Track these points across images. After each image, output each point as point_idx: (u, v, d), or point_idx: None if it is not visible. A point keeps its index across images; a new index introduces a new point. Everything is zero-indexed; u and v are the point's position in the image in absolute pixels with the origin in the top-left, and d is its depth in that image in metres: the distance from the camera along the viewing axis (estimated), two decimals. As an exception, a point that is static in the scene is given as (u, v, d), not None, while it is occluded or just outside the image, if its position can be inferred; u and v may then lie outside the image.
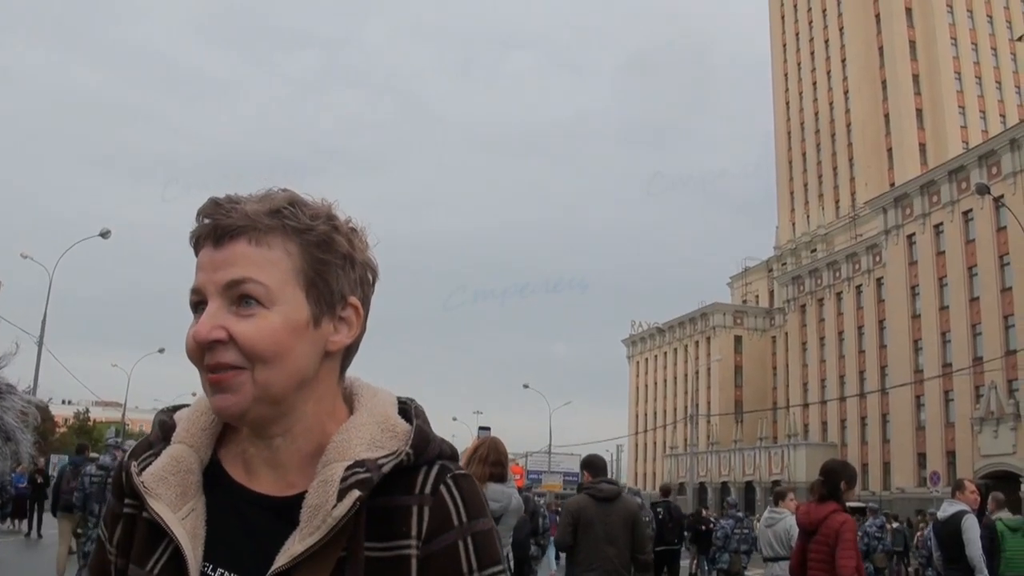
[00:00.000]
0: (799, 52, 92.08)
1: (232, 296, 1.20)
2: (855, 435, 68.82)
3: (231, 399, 1.19)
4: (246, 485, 1.27)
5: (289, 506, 1.21)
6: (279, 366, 1.20)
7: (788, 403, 78.65)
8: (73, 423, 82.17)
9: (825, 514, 6.79)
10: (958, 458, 54.91)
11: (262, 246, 1.22)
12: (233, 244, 1.22)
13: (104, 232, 37.40)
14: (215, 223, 1.23)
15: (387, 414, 1.30)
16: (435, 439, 1.29)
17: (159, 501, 1.24)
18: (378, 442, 1.25)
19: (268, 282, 1.21)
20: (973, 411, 53.91)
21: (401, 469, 1.23)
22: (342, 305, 1.28)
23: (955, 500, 9.26)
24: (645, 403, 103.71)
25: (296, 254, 1.24)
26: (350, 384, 1.36)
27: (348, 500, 1.16)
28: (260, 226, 1.22)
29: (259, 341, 1.19)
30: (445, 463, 1.27)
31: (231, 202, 1.24)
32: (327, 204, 1.29)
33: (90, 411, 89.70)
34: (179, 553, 1.21)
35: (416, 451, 1.25)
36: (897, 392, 60.91)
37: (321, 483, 1.20)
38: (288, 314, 1.21)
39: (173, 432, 1.32)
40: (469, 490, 1.26)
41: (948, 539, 9.09)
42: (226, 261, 1.21)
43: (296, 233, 1.24)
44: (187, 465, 1.27)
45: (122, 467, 1.31)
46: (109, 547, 1.32)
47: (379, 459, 1.22)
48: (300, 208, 1.25)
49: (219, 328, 1.19)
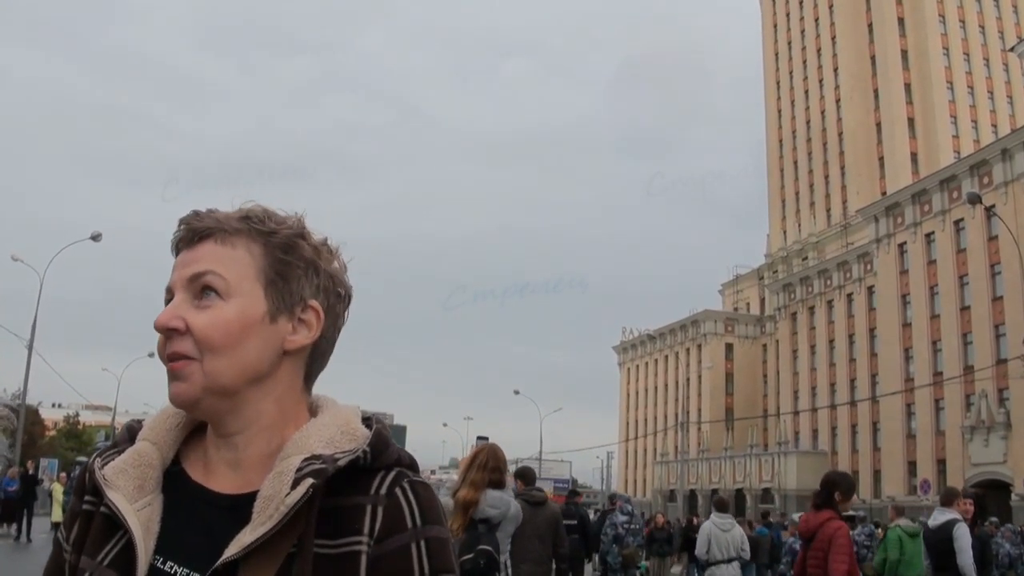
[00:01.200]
0: (791, 60, 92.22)
1: (195, 289, 1.26)
2: (845, 443, 68.85)
3: (182, 386, 1.24)
4: (204, 484, 1.29)
5: (245, 503, 1.23)
6: (228, 356, 1.24)
7: (779, 411, 78.69)
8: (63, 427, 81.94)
9: (820, 522, 6.89)
10: (948, 466, 55.00)
11: (227, 245, 1.28)
12: (202, 244, 1.29)
13: (95, 235, 37.22)
14: (189, 227, 1.30)
15: (348, 419, 1.32)
16: (394, 447, 1.30)
17: (117, 492, 1.26)
18: (336, 442, 1.27)
19: (227, 275, 1.26)
20: (964, 420, 53.98)
21: (358, 471, 1.25)
22: (302, 307, 1.31)
23: (946, 509, 9.29)
24: (636, 410, 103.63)
25: (259, 254, 1.29)
26: (316, 398, 1.38)
27: (301, 488, 1.18)
28: (228, 228, 1.29)
29: (211, 330, 1.24)
30: (403, 469, 1.29)
31: (208, 211, 1.32)
32: (298, 216, 1.35)
33: (80, 415, 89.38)
34: (131, 545, 1.22)
35: (374, 452, 1.26)
36: (888, 400, 60.97)
37: (276, 475, 1.22)
38: (244, 307, 1.26)
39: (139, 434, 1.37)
40: (426, 497, 1.27)
41: (938, 547, 9.13)
42: (194, 259, 1.28)
43: (261, 235, 1.30)
44: (148, 460, 1.30)
45: (86, 467, 1.34)
46: (65, 546, 1.33)
47: (335, 454, 1.24)
48: (269, 216, 1.32)
49: (178, 318, 1.24)
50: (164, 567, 1.23)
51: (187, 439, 1.36)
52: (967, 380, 53.91)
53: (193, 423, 1.36)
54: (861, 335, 67.88)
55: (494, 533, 5.98)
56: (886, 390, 61.11)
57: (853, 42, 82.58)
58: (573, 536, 15.59)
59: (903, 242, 62.11)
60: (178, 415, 1.35)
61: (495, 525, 6.00)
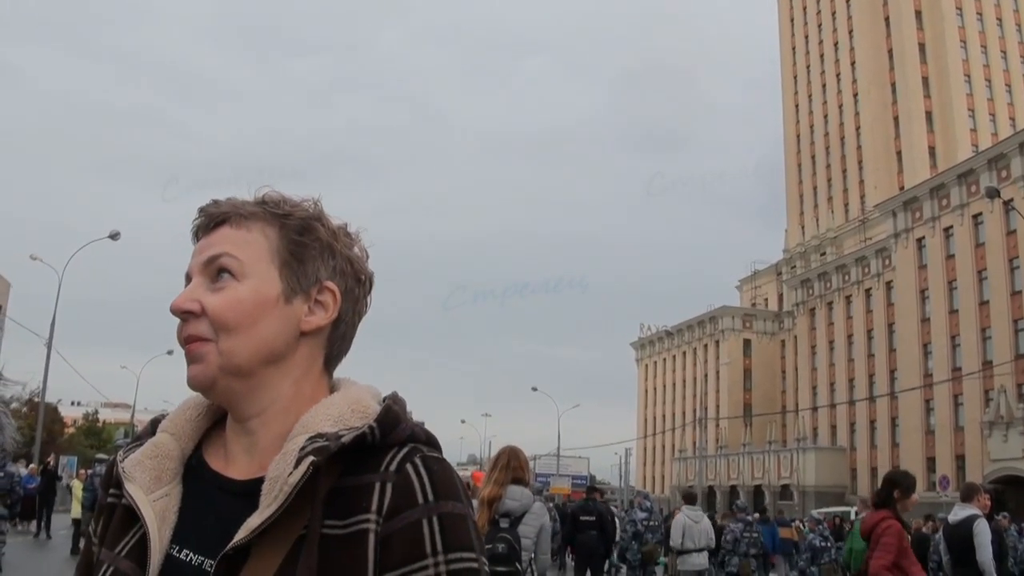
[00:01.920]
0: (808, 55, 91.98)
1: (210, 272, 1.27)
2: (864, 439, 68.62)
3: (198, 367, 1.24)
4: (221, 472, 1.29)
5: (256, 488, 1.21)
6: (243, 335, 1.24)
7: (797, 407, 78.44)
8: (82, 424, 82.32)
9: (876, 521, 6.97)
10: (967, 462, 54.79)
11: (242, 228, 1.29)
12: (218, 229, 1.30)
13: (114, 234, 37.43)
14: (206, 214, 1.32)
15: (360, 396, 1.30)
16: (407, 422, 1.27)
17: (134, 483, 1.27)
18: (345, 419, 1.25)
19: (241, 256, 1.27)
20: (982, 415, 53.75)
21: (369, 449, 1.22)
22: (318, 288, 1.31)
23: (966, 504, 9.30)
24: (654, 406, 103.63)
25: (274, 236, 1.30)
26: (337, 380, 1.37)
27: (302, 466, 1.16)
28: (243, 212, 1.30)
29: (225, 309, 1.24)
30: (417, 445, 1.26)
31: (228, 200, 1.33)
32: (313, 200, 1.35)
33: (99, 412, 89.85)
34: (147, 535, 1.23)
35: (383, 429, 1.23)
36: (906, 396, 60.75)
37: (282, 456, 1.20)
38: (257, 287, 1.27)
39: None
40: (440, 472, 1.22)
41: (958, 543, 9.13)
42: (210, 244, 1.29)
43: (276, 218, 1.31)
44: (165, 451, 1.31)
45: (113, 460, 1.35)
46: (93, 540, 1.35)
47: (339, 431, 1.22)
48: (285, 200, 1.33)
49: (193, 300, 1.25)
50: (179, 555, 1.22)
51: (210, 430, 1.37)
52: (986, 375, 53.66)
53: (215, 414, 1.37)
54: (879, 330, 67.65)
55: (515, 527, 6.31)
56: (905, 386, 60.85)
57: (870, 36, 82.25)
58: (591, 532, 15.68)
59: (921, 237, 61.85)
60: (198, 406, 1.37)
61: (517, 519, 6.33)
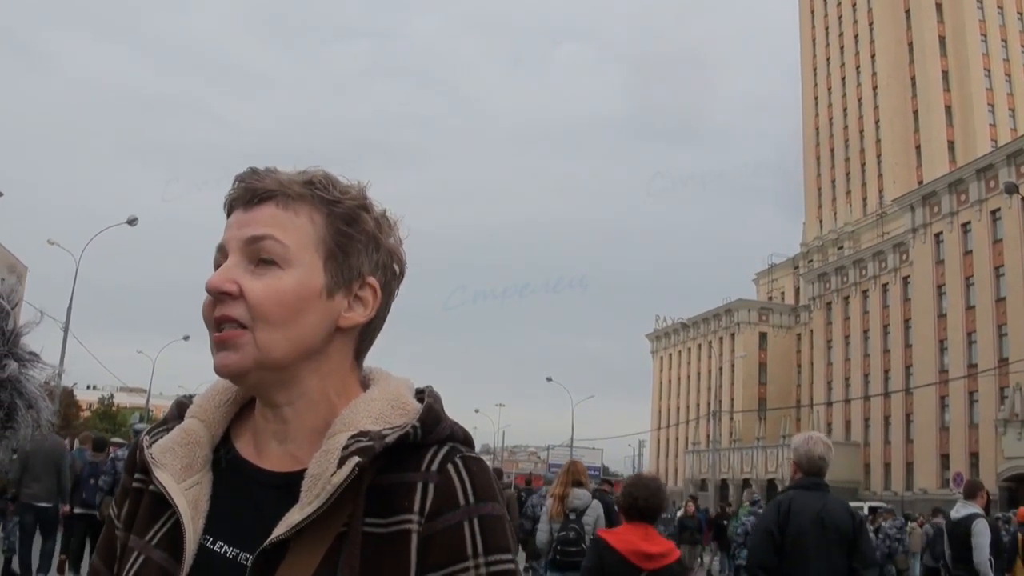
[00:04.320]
0: (828, 47, 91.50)
1: (251, 253, 1.22)
2: (878, 434, 68.41)
3: (232, 357, 1.19)
4: (254, 462, 1.27)
5: (294, 482, 1.20)
6: (283, 329, 1.20)
7: (812, 401, 78.24)
8: (98, 408, 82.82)
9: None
10: (981, 460, 54.52)
11: (289, 211, 1.24)
12: (262, 207, 1.24)
13: (131, 219, 37.55)
14: (248, 186, 1.26)
15: (399, 393, 1.29)
16: (447, 421, 1.27)
17: (164, 471, 1.24)
18: (386, 417, 1.24)
19: (288, 243, 1.22)
20: (997, 413, 53.47)
21: (408, 447, 1.21)
22: (360, 283, 1.27)
23: (968, 502, 9.37)
24: (668, 398, 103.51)
25: (321, 224, 1.25)
26: (369, 371, 1.35)
27: (347, 467, 1.15)
28: (290, 192, 1.24)
29: (267, 299, 1.19)
30: (456, 445, 1.25)
31: (268, 170, 1.27)
32: (361, 185, 1.30)
33: (115, 397, 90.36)
34: (179, 524, 1.21)
35: (424, 428, 1.23)
36: (921, 392, 60.49)
37: (323, 453, 1.18)
38: (301, 278, 1.22)
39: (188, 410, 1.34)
40: (480, 473, 1.22)
41: (959, 540, 9.22)
42: (252, 220, 1.23)
43: (324, 204, 1.25)
44: (196, 438, 1.28)
45: (136, 444, 1.33)
46: (117, 523, 1.32)
47: (383, 430, 1.20)
48: (333, 182, 1.27)
49: (231, 281, 1.20)
50: (213, 547, 1.21)
51: (238, 414, 1.34)
52: (1001, 373, 53.35)
53: (243, 399, 1.34)
54: (896, 326, 67.35)
55: (580, 519, 8.83)
56: (920, 382, 60.59)
57: (891, 29, 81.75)
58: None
59: (939, 232, 61.53)
60: (227, 391, 1.34)
61: (581, 512, 8.83)
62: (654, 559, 5.08)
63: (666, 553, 5.18)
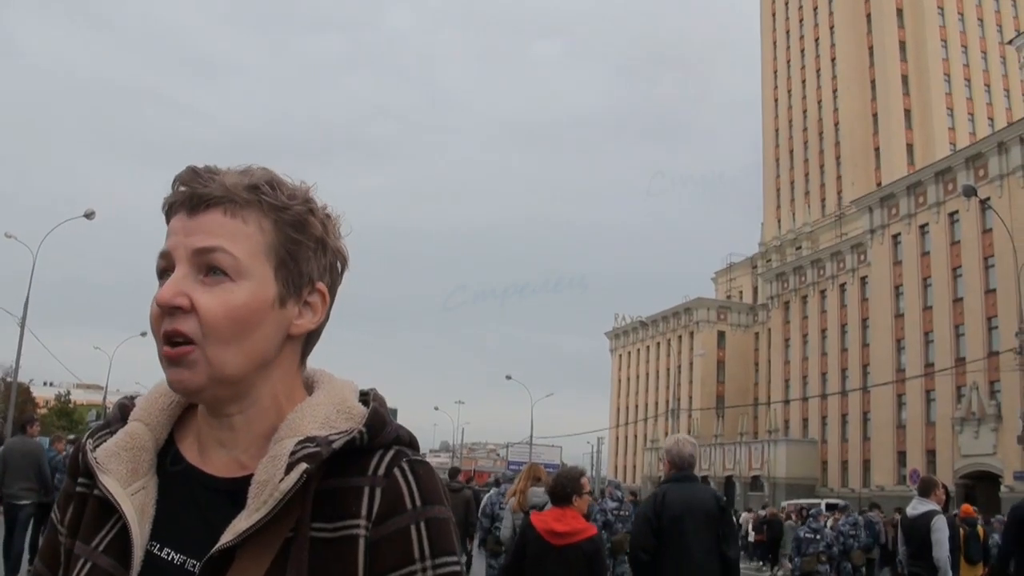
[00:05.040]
0: (789, 50, 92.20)
1: (200, 264, 1.18)
2: (836, 432, 69.06)
3: (185, 374, 1.17)
4: (199, 467, 1.24)
5: (240, 487, 1.18)
6: (235, 344, 1.18)
7: (769, 399, 78.83)
8: (54, 405, 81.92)
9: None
10: (938, 457, 55.25)
11: (237, 219, 1.20)
12: (208, 213, 1.20)
13: (88, 213, 37.30)
14: (192, 191, 1.21)
15: (344, 397, 1.28)
16: (392, 424, 1.26)
17: (109, 476, 1.22)
18: (332, 422, 1.22)
19: (239, 254, 1.18)
20: (954, 411, 54.26)
21: (355, 451, 1.20)
22: (309, 289, 1.25)
23: (924, 499, 9.38)
24: (627, 396, 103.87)
25: (270, 231, 1.22)
26: (312, 373, 1.33)
27: (295, 473, 1.13)
28: (237, 199, 1.20)
29: (221, 315, 1.16)
30: (402, 448, 1.24)
31: (209, 172, 1.22)
32: (306, 187, 1.27)
33: (71, 394, 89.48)
34: (126, 530, 1.18)
35: (371, 432, 1.21)
36: (879, 391, 61.17)
37: (270, 459, 1.17)
38: (254, 290, 1.19)
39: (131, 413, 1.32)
40: (426, 476, 1.22)
41: (916, 536, 9.24)
42: (199, 228, 1.19)
43: (272, 210, 1.22)
44: (141, 442, 1.25)
45: (78, 447, 1.30)
46: (60, 528, 1.29)
47: (330, 435, 1.19)
48: (279, 187, 1.23)
49: (182, 295, 1.16)
50: (160, 553, 1.19)
51: (180, 417, 1.32)
52: (958, 372, 54.09)
53: (187, 401, 1.32)
54: (853, 325, 68.05)
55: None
56: (877, 380, 61.26)
57: (852, 33, 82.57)
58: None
59: (897, 233, 62.22)
60: (170, 394, 1.30)
61: (540, 507, 8.01)
62: (563, 537, 5.94)
63: (575, 532, 6.00)
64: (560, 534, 6.01)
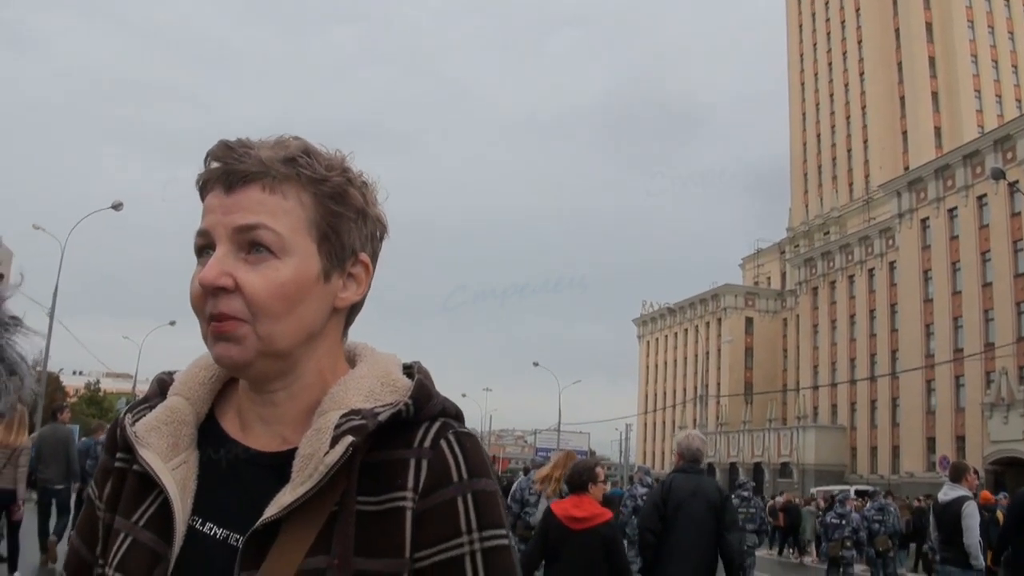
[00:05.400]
0: (815, 33, 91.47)
1: (242, 242, 1.16)
2: (865, 418, 68.73)
3: (234, 349, 1.15)
4: (241, 441, 1.24)
5: (284, 461, 1.17)
6: (285, 321, 1.16)
7: (798, 385, 78.50)
8: (84, 394, 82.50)
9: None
10: (967, 443, 54.87)
11: (276, 194, 1.18)
12: (246, 190, 1.18)
13: (116, 204, 37.49)
14: (227, 167, 1.19)
15: (388, 370, 1.27)
16: (438, 396, 1.25)
17: (150, 450, 1.21)
18: (377, 394, 1.21)
19: (281, 230, 1.17)
20: (983, 397, 53.79)
21: (400, 424, 1.19)
22: (352, 261, 1.25)
23: (956, 485, 9.40)
24: (655, 383, 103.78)
25: (310, 205, 1.20)
26: (353, 346, 1.33)
27: (340, 446, 1.12)
28: (275, 173, 1.18)
29: (267, 293, 1.15)
30: (448, 420, 1.24)
31: (243, 146, 1.19)
32: (341, 155, 1.26)
33: (101, 382, 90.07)
34: (167, 505, 1.17)
35: (416, 405, 1.21)
36: (908, 376, 60.78)
37: (314, 432, 1.16)
38: (299, 266, 1.17)
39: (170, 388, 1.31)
40: (472, 449, 1.21)
41: (947, 522, 9.26)
42: (238, 205, 1.17)
43: (311, 183, 1.20)
44: (181, 416, 1.25)
45: (116, 422, 1.29)
46: (98, 503, 1.28)
47: (375, 408, 1.18)
48: (315, 157, 1.21)
49: (226, 275, 1.14)
50: (202, 528, 1.18)
51: (221, 391, 1.32)
52: (987, 357, 53.65)
53: (227, 375, 1.31)
54: (882, 310, 67.61)
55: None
56: (906, 366, 60.86)
57: (878, 14, 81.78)
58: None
59: (925, 217, 61.75)
60: (211, 367, 1.30)
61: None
62: (581, 522, 6.42)
63: (591, 517, 6.49)
64: (579, 519, 6.47)
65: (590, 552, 6.46)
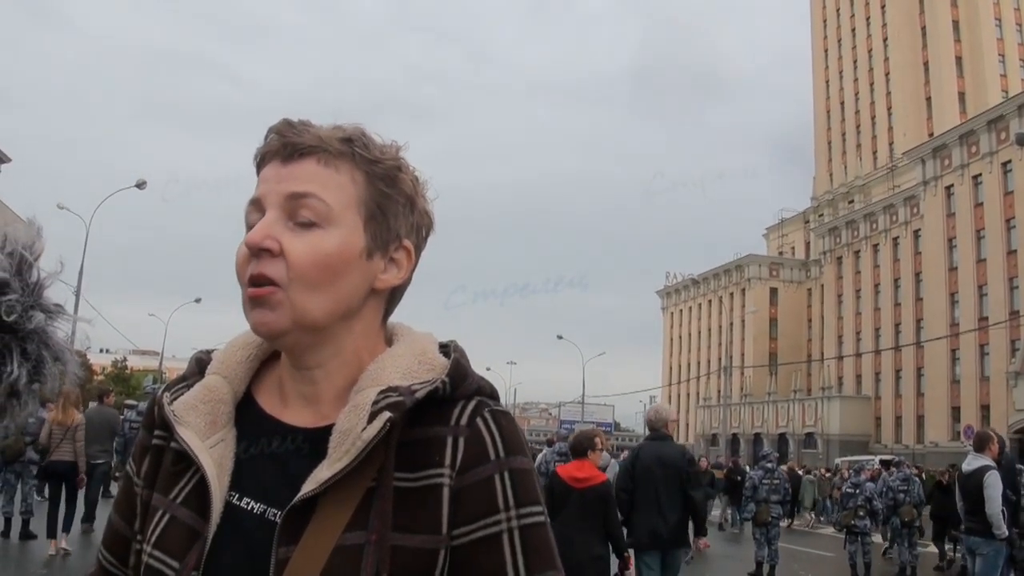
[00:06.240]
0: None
1: (292, 210, 1.19)
2: (889, 388, 68.48)
3: (270, 315, 1.17)
4: (279, 418, 1.26)
5: (321, 437, 1.19)
6: (321, 291, 1.19)
7: (823, 355, 78.30)
8: (111, 371, 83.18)
9: None
10: (992, 412, 54.48)
11: (330, 168, 1.22)
12: (302, 162, 1.22)
13: (140, 183, 37.66)
14: (285, 140, 1.23)
15: (425, 348, 1.29)
16: (474, 375, 1.27)
17: (188, 428, 1.23)
18: (414, 372, 1.23)
19: (331, 202, 1.20)
20: (1008, 365, 53.37)
21: (437, 401, 1.21)
22: (396, 245, 1.27)
23: (979, 454, 9.44)
24: (679, 354, 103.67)
25: (362, 183, 1.23)
26: (391, 327, 1.34)
27: (378, 422, 1.14)
28: (331, 149, 1.22)
29: (310, 261, 1.17)
30: (484, 399, 1.25)
31: (303, 124, 1.24)
32: (396, 145, 1.29)
33: (128, 360, 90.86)
34: (204, 482, 1.19)
35: (453, 383, 1.23)
36: (932, 345, 60.43)
37: (352, 408, 1.18)
38: (344, 238, 1.20)
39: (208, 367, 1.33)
40: (508, 427, 1.23)
41: (971, 492, 9.35)
42: (292, 175, 1.21)
43: (365, 163, 1.24)
44: (219, 395, 1.27)
45: (154, 400, 1.31)
46: (136, 480, 1.31)
47: (412, 385, 1.20)
48: (371, 141, 1.26)
49: (272, 238, 1.17)
50: (240, 504, 1.20)
51: (258, 369, 1.33)
52: (1013, 325, 53.19)
53: (266, 353, 1.33)
54: (907, 279, 67.20)
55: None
56: (931, 335, 60.50)
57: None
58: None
59: (950, 184, 61.19)
60: (249, 346, 1.33)
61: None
62: (582, 482, 7.60)
63: (591, 478, 7.68)
64: (580, 479, 7.64)
65: (589, 505, 7.59)
